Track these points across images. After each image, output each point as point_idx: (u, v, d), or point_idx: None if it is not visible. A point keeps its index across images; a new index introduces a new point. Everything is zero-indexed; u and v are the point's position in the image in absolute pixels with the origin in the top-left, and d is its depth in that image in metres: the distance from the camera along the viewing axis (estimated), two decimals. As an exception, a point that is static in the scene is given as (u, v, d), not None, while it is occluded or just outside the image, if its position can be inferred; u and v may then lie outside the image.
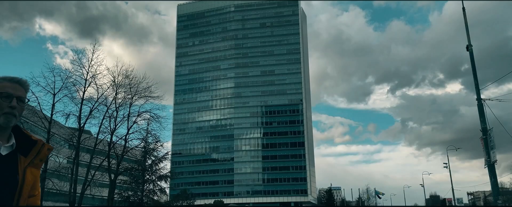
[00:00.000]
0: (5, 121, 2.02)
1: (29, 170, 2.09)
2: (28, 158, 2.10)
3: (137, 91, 29.61)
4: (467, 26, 16.83)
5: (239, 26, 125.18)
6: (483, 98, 15.64)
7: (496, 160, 15.33)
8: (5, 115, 2.02)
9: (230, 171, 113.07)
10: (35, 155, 2.12)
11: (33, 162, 2.11)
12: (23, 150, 2.11)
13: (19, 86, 2.11)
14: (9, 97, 2.04)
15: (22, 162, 2.08)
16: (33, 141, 2.15)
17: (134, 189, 33.04)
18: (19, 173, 2.05)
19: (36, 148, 2.14)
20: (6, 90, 2.06)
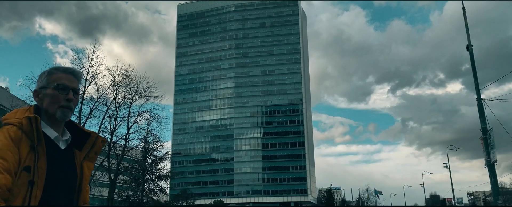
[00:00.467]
0: (62, 114, 1.93)
1: (85, 164, 2.03)
2: (83, 152, 2.04)
3: (137, 91, 29.62)
4: (467, 26, 16.83)
5: (239, 26, 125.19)
6: (483, 98, 15.65)
7: (496, 160, 15.35)
8: (62, 109, 1.93)
9: (230, 171, 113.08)
10: (90, 148, 2.05)
11: (88, 156, 2.05)
12: (77, 144, 2.03)
13: (73, 77, 2.01)
14: (66, 90, 1.94)
15: (77, 156, 2.02)
16: (86, 134, 2.06)
17: (134, 189, 33.03)
18: (77, 168, 1.99)
19: (90, 140, 2.05)
20: (62, 82, 1.96)
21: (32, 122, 1.80)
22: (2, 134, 1.76)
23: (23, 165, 1.73)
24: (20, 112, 1.90)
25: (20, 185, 1.70)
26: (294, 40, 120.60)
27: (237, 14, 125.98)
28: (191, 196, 57.79)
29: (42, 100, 1.96)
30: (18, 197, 1.69)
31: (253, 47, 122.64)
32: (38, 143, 1.79)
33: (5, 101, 33.67)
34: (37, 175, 1.74)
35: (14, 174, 1.71)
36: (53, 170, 1.82)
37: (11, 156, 1.71)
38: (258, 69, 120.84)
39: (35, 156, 1.76)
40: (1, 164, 1.67)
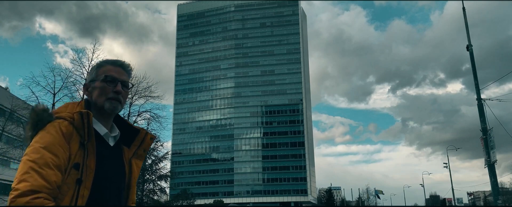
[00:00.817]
0: (110, 106, 1.83)
1: (134, 161, 1.93)
2: (131, 149, 1.94)
3: (137, 91, 29.60)
4: (467, 26, 16.82)
5: (239, 26, 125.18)
6: (483, 98, 15.64)
7: (496, 160, 15.33)
8: (110, 101, 1.83)
9: (230, 171, 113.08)
10: (139, 145, 1.95)
11: (136, 153, 1.95)
12: (125, 140, 1.94)
13: (122, 70, 1.92)
14: (114, 82, 1.86)
15: (126, 153, 1.92)
16: (135, 130, 1.97)
17: (134, 189, 33.07)
18: (125, 165, 1.89)
19: (139, 137, 1.96)
20: (111, 74, 1.87)
21: (84, 117, 1.70)
22: (53, 128, 1.65)
23: (73, 162, 1.64)
24: (71, 106, 1.82)
25: (69, 183, 1.61)
26: (294, 40, 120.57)
27: (237, 14, 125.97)
28: (191, 196, 57.79)
29: (91, 93, 1.88)
30: (66, 195, 1.59)
31: (253, 47, 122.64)
32: (88, 139, 1.70)
33: (5, 101, 33.67)
34: (86, 173, 1.65)
35: (64, 171, 1.61)
36: (102, 168, 1.73)
37: (62, 152, 1.62)
38: (258, 69, 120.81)
39: (85, 153, 1.67)
40: (52, 159, 1.57)
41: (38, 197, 1.47)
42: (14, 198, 1.46)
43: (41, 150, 1.58)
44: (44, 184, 1.51)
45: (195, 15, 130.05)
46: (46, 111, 1.71)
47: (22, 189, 1.47)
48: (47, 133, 1.64)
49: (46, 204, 1.47)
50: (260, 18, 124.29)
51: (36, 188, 1.48)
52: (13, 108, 26.36)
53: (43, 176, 1.51)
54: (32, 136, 1.67)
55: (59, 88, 26.04)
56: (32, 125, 1.69)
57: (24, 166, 1.55)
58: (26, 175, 1.51)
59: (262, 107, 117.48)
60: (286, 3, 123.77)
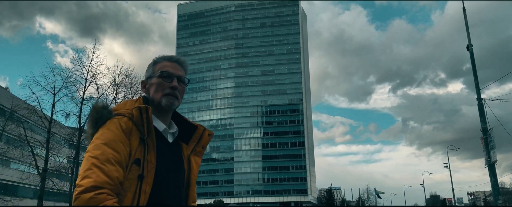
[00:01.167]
0: (167, 102, 1.82)
1: (193, 158, 1.91)
2: (190, 146, 1.92)
3: (138, 91, 29.59)
4: (467, 26, 16.81)
5: (239, 26, 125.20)
6: (484, 98, 15.64)
7: (497, 160, 15.33)
8: (166, 96, 1.83)
9: (230, 171, 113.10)
10: (197, 142, 1.93)
11: (195, 150, 1.93)
12: (183, 137, 1.92)
13: (178, 65, 1.91)
14: (170, 77, 1.85)
15: (184, 150, 1.90)
16: (193, 127, 1.96)
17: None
18: (184, 162, 1.87)
19: (197, 134, 1.94)
20: (166, 69, 1.87)
21: (143, 113, 1.69)
22: (114, 124, 1.65)
23: (134, 158, 1.63)
24: (130, 103, 1.81)
25: (131, 179, 1.60)
26: (294, 40, 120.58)
27: (237, 14, 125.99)
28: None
29: (148, 90, 1.89)
30: (128, 191, 1.58)
31: (253, 47, 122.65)
32: (148, 135, 1.68)
33: (5, 101, 33.66)
34: (147, 169, 1.63)
35: (125, 167, 1.60)
36: (162, 164, 1.70)
37: (123, 148, 1.61)
38: (258, 69, 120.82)
39: (145, 149, 1.66)
40: (113, 155, 1.57)
41: (101, 193, 1.47)
42: (78, 194, 1.46)
43: (102, 146, 1.58)
44: (107, 180, 1.51)
45: (195, 15, 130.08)
46: (105, 108, 1.71)
47: (85, 185, 1.47)
48: (107, 129, 1.64)
49: (109, 199, 1.47)
50: (260, 18, 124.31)
51: (98, 184, 1.48)
52: (13, 108, 26.36)
53: (105, 172, 1.52)
54: (92, 133, 1.68)
55: (59, 88, 26.08)
56: (93, 123, 1.69)
57: (86, 163, 1.55)
58: (88, 172, 1.51)
59: (262, 107, 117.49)
60: (286, 3, 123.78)
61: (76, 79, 27.22)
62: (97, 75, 27.76)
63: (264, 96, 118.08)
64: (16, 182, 35.77)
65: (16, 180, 34.31)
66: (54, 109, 25.79)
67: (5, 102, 32.83)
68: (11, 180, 39.70)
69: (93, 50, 27.94)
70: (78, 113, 26.73)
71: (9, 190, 40.43)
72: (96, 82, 27.70)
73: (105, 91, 28.36)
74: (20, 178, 29.22)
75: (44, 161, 25.83)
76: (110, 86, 28.67)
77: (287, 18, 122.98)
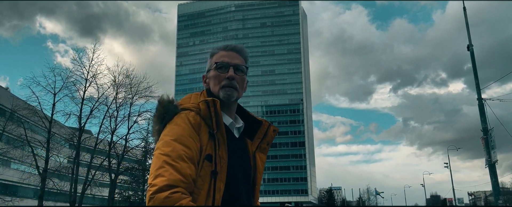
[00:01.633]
0: (225, 94, 1.72)
1: (258, 155, 1.80)
2: (254, 142, 1.80)
3: (138, 91, 29.65)
4: (468, 26, 16.79)
5: (239, 25, 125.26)
6: (484, 98, 15.63)
7: (497, 160, 15.31)
8: (224, 89, 1.72)
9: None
10: (262, 138, 1.81)
11: (260, 146, 1.81)
12: (247, 132, 1.81)
13: (235, 53, 1.81)
14: (226, 68, 1.76)
15: (249, 146, 1.78)
16: (257, 122, 1.83)
17: (134, 189, 33.07)
18: (250, 159, 1.76)
19: (262, 129, 1.82)
20: (221, 60, 1.78)
21: (210, 106, 1.60)
22: (181, 119, 1.55)
23: (205, 154, 1.53)
24: (194, 97, 1.73)
25: (203, 176, 1.50)
26: (294, 40, 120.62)
27: (238, 14, 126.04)
28: (192, 196, 57.86)
29: (208, 84, 1.82)
30: (202, 189, 1.49)
31: (253, 47, 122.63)
32: (217, 129, 1.58)
33: (5, 101, 33.67)
34: (219, 165, 1.54)
35: (197, 163, 1.51)
36: (232, 160, 1.61)
37: (193, 143, 1.51)
38: (258, 69, 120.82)
39: (215, 144, 1.56)
40: (185, 151, 1.47)
41: (175, 192, 1.38)
42: (153, 194, 1.37)
43: (172, 143, 1.49)
44: (180, 177, 1.41)
45: (195, 15, 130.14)
46: (171, 102, 1.62)
47: (159, 185, 1.38)
48: (175, 125, 1.54)
49: (183, 198, 1.38)
50: (260, 18, 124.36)
51: (172, 182, 1.39)
52: (14, 108, 26.38)
53: (178, 170, 1.42)
54: (159, 130, 1.59)
55: (60, 88, 26.12)
56: (159, 118, 1.61)
57: (157, 161, 1.46)
58: (161, 170, 1.42)
59: (263, 107, 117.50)
60: (286, 3, 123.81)
61: (76, 79, 27.29)
62: (98, 76, 27.84)
63: (264, 96, 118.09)
64: (16, 182, 35.77)
65: (16, 180, 34.32)
66: (54, 109, 25.84)
67: (6, 102, 32.85)
68: (11, 180, 39.71)
69: (94, 50, 28.02)
70: (79, 113, 26.77)
71: (10, 190, 40.43)
72: (96, 83, 27.77)
73: (106, 92, 28.40)
74: (20, 178, 29.22)
75: (44, 161, 25.86)
76: (111, 86, 28.71)
77: (288, 18, 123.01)
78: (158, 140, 1.55)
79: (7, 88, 44.23)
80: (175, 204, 1.36)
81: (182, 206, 1.36)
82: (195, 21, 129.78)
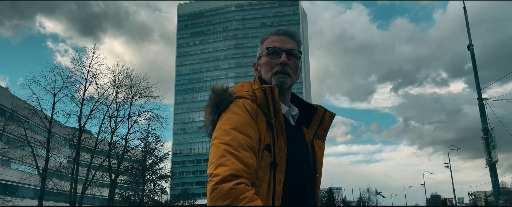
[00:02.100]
0: (277, 81, 1.62)
1: (316, 143, 1.70)
2: (311, 129, 1.71)
3: (138, 91, 29.65)
4: (468, 25, 16.78)
5: (239, 25, 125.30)
6: (485, 98, 15.62)
7: (497, 160, 15.30)
8: (276, 75, 1.63)
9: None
10: (318, 125, 1.71)
11: (317, 134, 1.71)
12: (302, 120, 1.72)
13: (287, 38, 1.73)
14: (278, 53, 1.67)
15: (306, 134, 1.70)
16: (312, 108, 1.73)
17: (134, 189, 33.05)
18: (309, 147, 1.66)
19: (317, 116, 1.72)
20: (273, 45, 1.70)
21: (267, 93, 1.50)
22: (238, 107, 1.48)
23: (264, 144, 1.45)
24: (247, 85, 1.63)
25: (264, 167, 1.42)
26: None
27: (238, 14, 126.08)
28: (192, 196, 57.86)
29: (260, 72, 1.73)
30: (262, 181, 1.40)
31: (253, 47, 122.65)
32: (275, 117, 1.49)
33: (5, 101, 33.67)
34: (279, 155, 1.45)
35: (257, 153, 1.43)
36: (292, 150, 1.52)
37: (253, 132, 1.44)
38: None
39: (273, 133, 1.47)
40: (245, 140, 1.39)
41: (240, 183, 1.30)
42: (216, 185, 1.29)
43: (231, 131, 1.41)
44: (243, 167, 1.34)
45: (195, 15, 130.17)
46: (226, 90, 1.55)
47: (222, 174, 1.30)
48: (232, 113, 1.47)
49: (247, 190, 1.30)
50: (260, 18, 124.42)
51: (236, 172, 1.31)
52: (14, 108, 26.37)
53: (240, 159, 1.35)
54: (213, 120, 1.53)
55: (60, 88, 26.11)
56: (213, 108, 1.55)
57: (217, 150, 1.38)
58: (223, 159, 1.34)
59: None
60: (286, 3, 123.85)
61: (76, 79, 27.28)
62: (98, 76, 27.84)
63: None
64: (16, 182, 35.76)
65: (16, 180, 34.30)
66: (54, 109, 25.83)
67: (6, 102, 32.85)
68: (11, 180, 39.71)
69: (93, 50, 28.01)
70: (79, 113, 26.77)
71: (10, 190, 40.42)
72: (96, 83, 27.77)
73: (106, 92, 28.41)
74: (20, 178, 29.20)
75: (44, 161, 25.85)
76: (111, 86, 28.72)
77: (288, 18, 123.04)
78: (215, 130, 1.48)
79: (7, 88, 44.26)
80: (239, 197, 1.27)
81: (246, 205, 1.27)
82: (195, 21, 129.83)
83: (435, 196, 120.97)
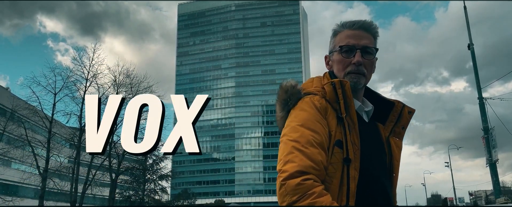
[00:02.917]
0: (351, 82, 1.55)
1: (392, 140, 1.62)
2: (387, 126, 1.63)
3: (138, 90, 29.67)
4: (468, 25, 16.79)
5: (239, 25, 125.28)
6: (485, 97, 15.62)
7: (498, 159, 15.32)
8: (349, 75, 1.57)
9: (231, 171, 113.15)
10: (396, 121, 1.63)
11: (394, 131, 1.63)
12: (378, 115, 1.65)
13: (363, 32, 1.61)
14: (351, 51, 1.58)
15: (381, 131, 1.62)
16: (390, 104, 1.66)
17: (135, 189, 33.08)
18: (384, 145, 1.59)
19: (395, 112, 1.64)
20: (347, 42, 1.59)
21: (337, 88, 1.47)
22: (306, 104, 1.46)
23: (334, 140, 1.42)
24: (317, 80, 1.60)
25: (334, 164, 1.40)
26: (295, 40, 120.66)
27: (238, 14, 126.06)
28: (192, 195, 57.81)
29: (332, 67, 1.66)
30: (334, 178, 1.38)
31: (253, 46, 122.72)
32: (346, 112, 1.46)
33: (6, 101, 33.70)
34: (352, 151, 1.41)
35: (327, 149, 1.41)
36: (365, 146, 1.47)
37: (321, 127, 1.41)
38: (259, 69, 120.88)
39: (345, 128, 1.44)
40: (313, 137, 1.37)
41: (307, 179, 1.30)
42: (284, 181, 1.30)
43: (299, 128, 1.40)
44: (311, 164, 1.33)
45: (195, 14, 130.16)
46: (294, 87, 1.53)
47: (290, 171, 1.31)
48: (301, 110, 1.46)
49: (316, 186, 1.29)
50: (260, 18, 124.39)
51: (303, 168, 1.31)
52: (14, 108, 26.40)
53: (308, 155, 1.34)
54: (283, 117, 1.52)
55: (60, 88, 26.14)
56: (283, 104, 1.53)
57: (285, 147, 1.38)
58: (291, 155, 1.35)
59: (263, 106, 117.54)
60: (286, 2, 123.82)
61: (77, 79, 27.31)
62: (98, 75, 27.86)
63: (265, 95, 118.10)
64: (17, 182, 35.78)
65: (17, 180, 34.33)
66: (55, 109, 25.84)
67: (6, 102, 32.87)
68: (12, 180, 39.73)
69: (94, 50, 28.04)
70: (79, 112, 26.77)
71: (10, 190, 40.45)
72: (96, 82, 27.79)
73: (106, 91, 28.43)
74: (21, 178, 29.23)
75: (45, 161, 25.86)
76: (111, 86, 28.74)
77: (288, 18, 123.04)
78: (284, 127, 1.47)
79: (8, 88, 44.28)
80: (307, 192, 1.28)
81: (316, 201, 1.27)
82: (195, 21, 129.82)
83: (436, 196, 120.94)
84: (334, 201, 1.32)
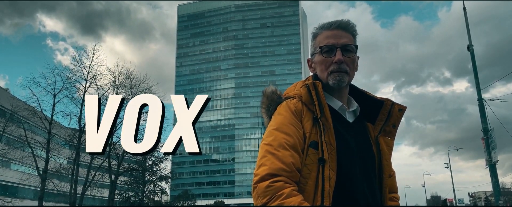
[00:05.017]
0: (334, 81, 1.57)
1: (382, 140, 1.63)
2: (377, 125, 1.63)
3: (138, 91, 29.65)
4: (468, 26, 16.81)
5: (239, 26, 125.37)
6: (485, 98, 15.63)
7: (497, 160, 15.31)
8: (332, 75, 1.58)
9: (230, 172, 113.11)
10: (385, 120, 1.63)
11: (384, 130, 1.64)
12: (367, 115, 1.65)
13: (341, 31, 1.65)
14: (331, 51, 1.60)
15: (371, 130, 1.63)
16: (379, 102, 1.66)
17: (134, 190, 33.07)
18: (372, 145, 1.59)
19: (384, 110, 1.64)
20: (326, 42, 1.62)
21: (311, 90, 1.52)
22: (282, 108, 1.52)
23: (309, 141, 1.45)
24: (300, 84, 1.65)
25: (309, 165, 1.42)
26: (294, 41, 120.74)
27: (238, 15, 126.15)
28: (192, 196, 57.79)
29: (315, 69, 1.70)
30: (309, 179, 1.41)
31: (253, 47, 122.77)
32: (321, 113, 1.48)
33: (5, 102, 33.68)
34: (327, 152, 1.43)
35: (301, 151, 1.44)
36: (344, 146, 1.48)
37: (294, 130, 1.45)
38: (258, 70, 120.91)
39: (320, 129, 1.46)
40: (286, 139, 1.42)
41: (277, 181, 1.35)
42: (255, 184, 1.38)
43: (273, 132, 1.46)
44: (282, 166, 1.37)
45: (195, 15, 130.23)
46: (274, 92, 1.62)
47: (261, 174, 1.38)
48: (278, 114, 1.52)
49: (286, 187, 1.34)
50: (260, 19, 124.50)
51: (273, 171, 1.36)
52: (14, 109, 26.40)
53: (279, 158, 1.39)
54: (268, 122, 1.57)
55: (60, 89, 26.14)
56: (266, 110, 1.60)
57: (261, 151, 1.47)
58: (263, 159, 1.42)
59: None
60: (286, 4, 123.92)
61: (76, 80, 27.31)
62: (97, 76, 27.85)
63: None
64: (16, 183, 35.77)
65: (16, 181, 34.32)
66: (54, 110, 25.84)
67: (6, 103, 32.85)
68: (11, 181, 39.69)
69: (94, 51, 28.04)
70: (78, 113, 26.76)
71: (10, 191, 40.40)
72: (96, 83, 27.79)
73: (106, 92, 28.42)
74: (20, 179, 29.24)
75: (44, 162, 25.85)
76: (111, 87, 28.74)
77: (288, 19, 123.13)
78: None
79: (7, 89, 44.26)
80: (276, 193, 1.32)
81: (285, 202, 1.31)
82: (195, 22, 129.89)
83: (435, 197, 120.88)
84: (304, 201, 1.33)
